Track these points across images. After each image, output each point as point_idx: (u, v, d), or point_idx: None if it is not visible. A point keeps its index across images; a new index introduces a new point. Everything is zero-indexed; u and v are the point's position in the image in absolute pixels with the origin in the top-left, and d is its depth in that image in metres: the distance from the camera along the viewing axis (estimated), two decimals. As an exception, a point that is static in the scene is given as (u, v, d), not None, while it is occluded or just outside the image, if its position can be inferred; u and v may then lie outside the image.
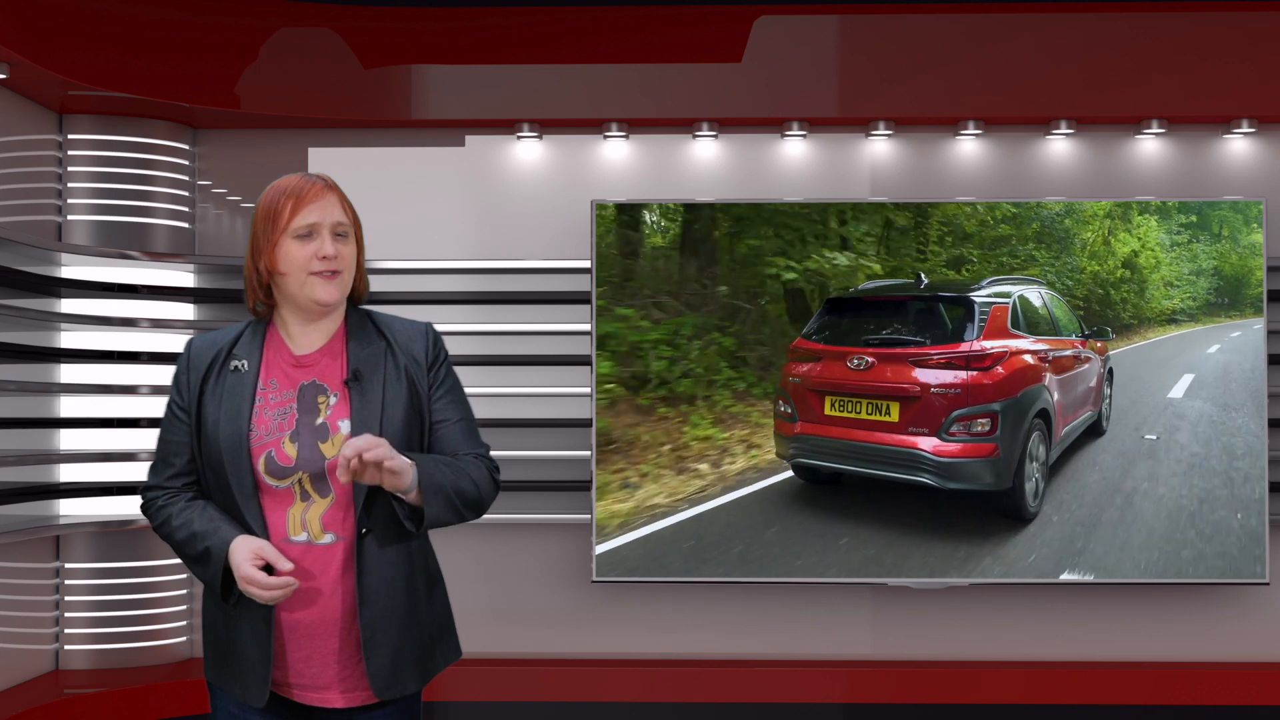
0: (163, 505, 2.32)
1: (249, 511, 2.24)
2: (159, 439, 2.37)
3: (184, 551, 2.29)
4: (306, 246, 2.26)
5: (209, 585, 2.26)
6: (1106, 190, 4.59)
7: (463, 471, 2.29)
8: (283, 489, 2.25)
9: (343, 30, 4.52)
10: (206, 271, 4.62)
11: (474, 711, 4.49)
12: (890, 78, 4.50)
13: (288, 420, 2.26)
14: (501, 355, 4.57)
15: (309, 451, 2.24)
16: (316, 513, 2.25)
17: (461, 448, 2.36)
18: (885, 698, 4.47)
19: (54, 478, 4.40)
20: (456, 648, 2.45)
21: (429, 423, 2.35)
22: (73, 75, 4.09)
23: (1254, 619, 4.57)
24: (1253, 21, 4.46)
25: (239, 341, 2.33)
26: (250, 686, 2.26)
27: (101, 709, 4.20)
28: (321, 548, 2.25)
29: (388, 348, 2.34)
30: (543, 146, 4.67)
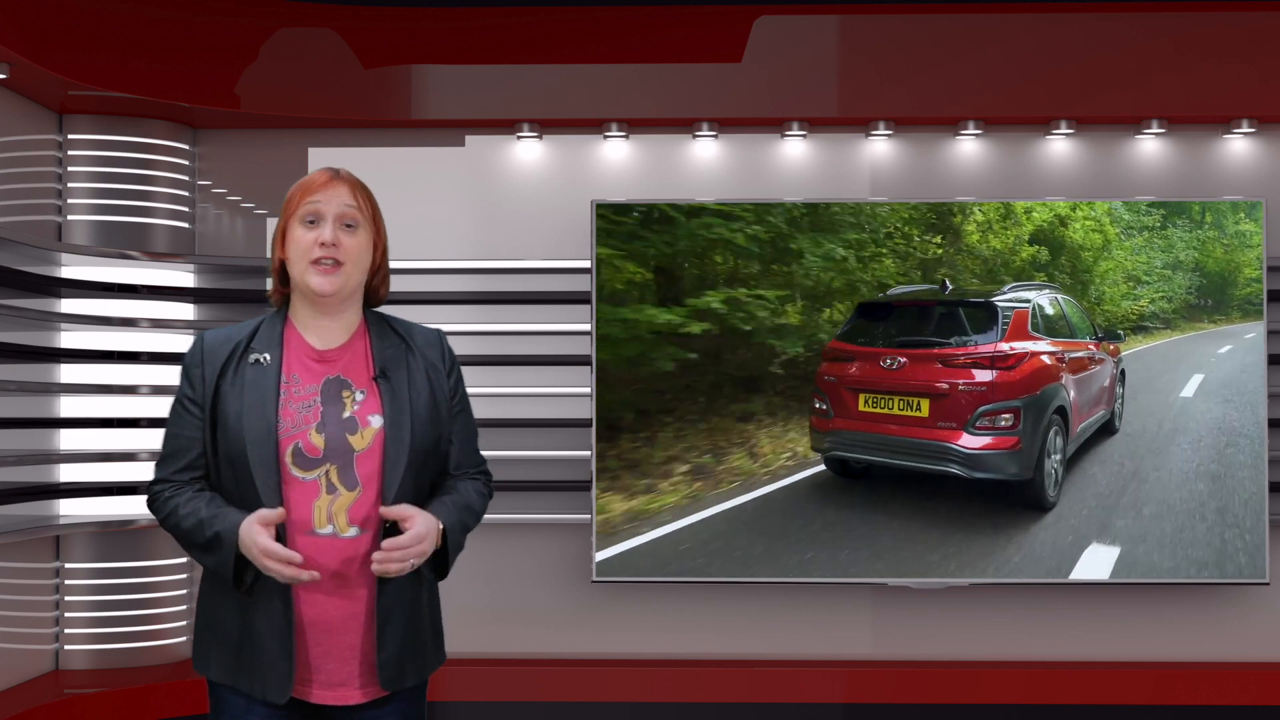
0: (170, 496, 2.30)
1: (273, 504, 2.22)
2: (167, 433, 2.34)
3: (191, 540, 2.26)
4: (310, 232, 2.27)
5: (220, 572, 2.24)
6: (1106, 190, 4.59)
7: (468, 508, 2.37)
8: (309, 481, 2.24)
9: (343, 30, 4.52)
10: (206, 271, 4.62)
11: (474, 711, 4.49)
12: (890, 78, 4.50)
13: (313, 412, 2.26)
14: (501, 355, 4.58)
15: (336, 442, 2.25)
16: (343, 505, 2.25)
17: (464, 465, 2.42)
18: (885, 698, 4.47)
19: (54, 478, 4.40)
20: (443, 653, 2.46)
21: (448, 430, 2.38)
22: (73, 75, 4.09)
23: (1254, 619, 4.57)
24: (1253, 21, 4.46)
25: (256, 335, 2.32)
26: (271, 683, 2.23)
27: (101, 709, 4.20)
28: (346, 540, 2.24)
29: (407, 349, 2.36)
30: (543, 146, 4.67)
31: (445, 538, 2.29)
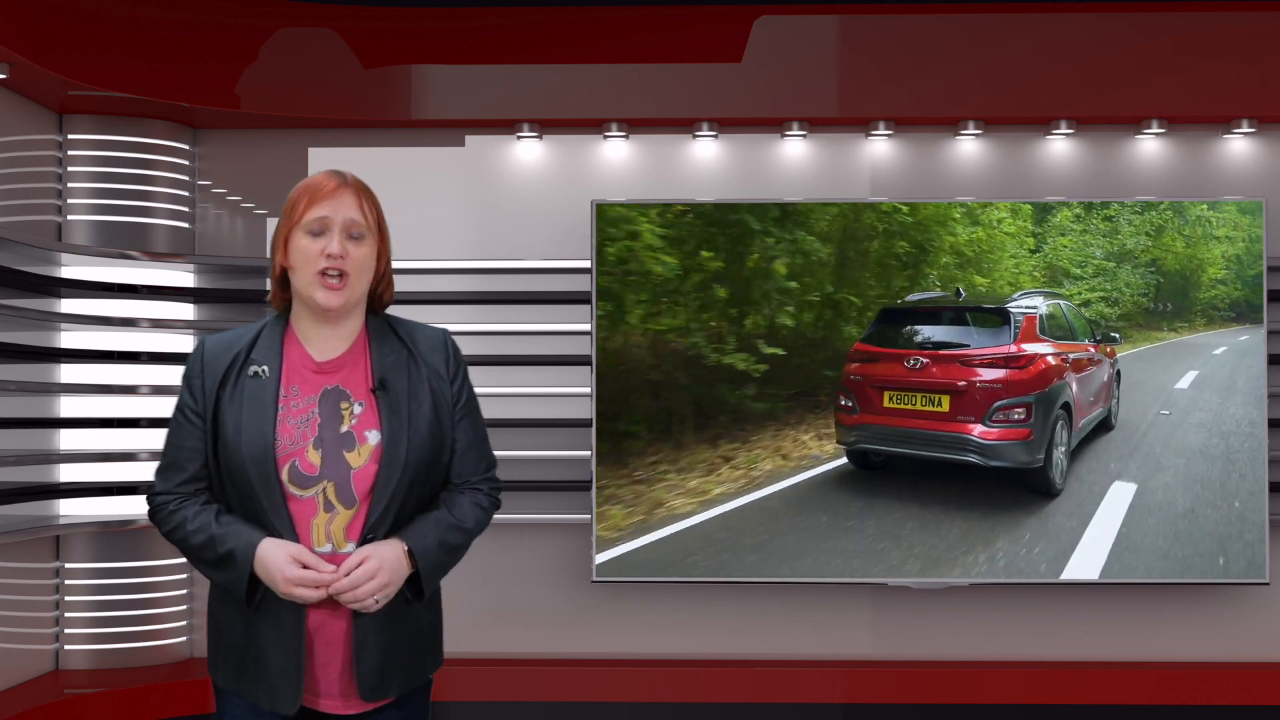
0: (175, 509, 2.26)
1: (279, 522, 2.20)
2: (167, 443, 2.31)
3: (201, 556, 2.24)
4: (316, 242, 2.22)
5: (232, 586, 2.21)
6: (1107, 190, 4.59)
7: (454, 526, 2.30)
8: (306, 498, 2.21)
9: (343, 30, 4.52)
10: (206, 271, 4.62)
11: (474, 711, 4.49)
12: (890, 78, 4.50)
13: (310, 427, 2.22)
14: (502, 355, 4.58)
15: (333, 460, 2.21)
16: (340, 524, 2.23)
17: (466, 474, 2.36)
18: (885, 698, 4.47)
19: (54, 478, 4.40)
20: (440, 658, 2.44)
21: (450, 440, 2.33)
22: (73, 75, 4.09)
23: (1254, 619, 4.57)
24: (1253, 21, 4.46)
25: (256, 345, 2.28)
26: (280, 695, 2.22)
27: (101, 709, 4.20)
28: (345, 558, 2.21)
29: (410, 356, 2.31)
30: (543, 146, 4.67)
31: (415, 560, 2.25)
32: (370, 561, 2.18)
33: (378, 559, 2.19)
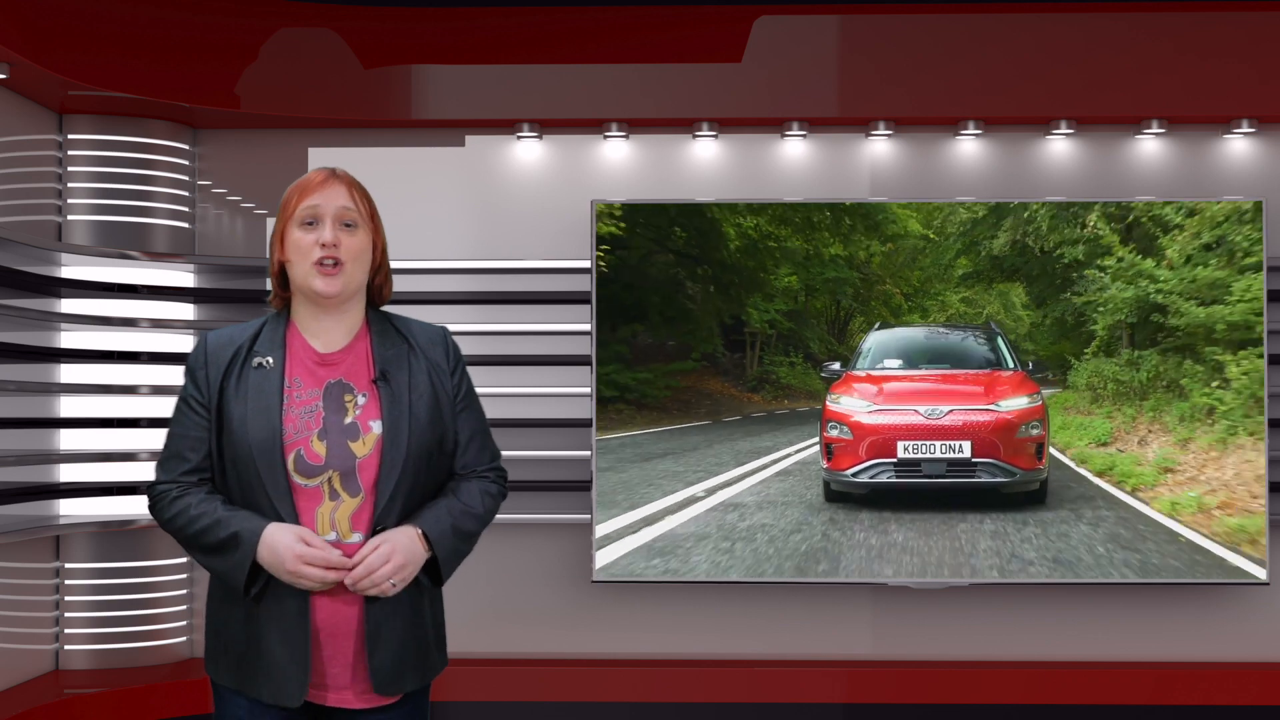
0: (177, 496, 2.28)
1: (283, 510, 2.21)
2: (170, 434, 2.32)
3: (203, 541, 2.24)
4: (310, 234, 2.26)
5: (231, 573, 2.21)
6: (1106, 190, 4.59)
7: (465, 511, 2.33)
8: (311, 488, 2.24)
9: (343, 30, 4.52)
10: (206, 271, 4.62)
11: (474, 711, 4.49)
12: (890, 78, 4.50)
13: (314, 418, 2.25)
14: (502, 355, 4.58)
15: (338, 449, 2.24)
16: (345, 512, 2.24)
17: (471, 464, 2.39)
18: (885, 698, 4.47)
19: (54, 478, 4.40)
20: (445, 657, 2.45)
21: (451, 430, 2.36)
22: (73, 75, 4.09)
23: (1254, 619, 4.57)
24: (1253, 21, 4.46)
25: (259, 338, 2.31)
26: (284, 689, 2.22)
27: (101, 709, 4.20)
28: (350, 546, 2.24)
29: (410, 349, 2.34)
30: (543, 146, 4.67)
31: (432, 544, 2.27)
32: (384, 545, 2.21)
33: (390, 543, 2.21)
